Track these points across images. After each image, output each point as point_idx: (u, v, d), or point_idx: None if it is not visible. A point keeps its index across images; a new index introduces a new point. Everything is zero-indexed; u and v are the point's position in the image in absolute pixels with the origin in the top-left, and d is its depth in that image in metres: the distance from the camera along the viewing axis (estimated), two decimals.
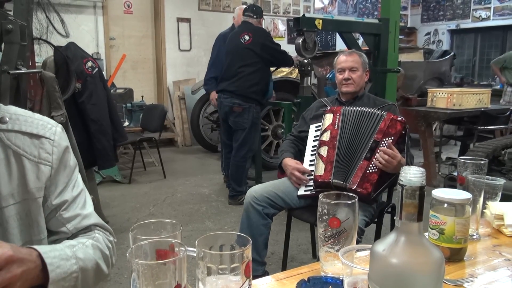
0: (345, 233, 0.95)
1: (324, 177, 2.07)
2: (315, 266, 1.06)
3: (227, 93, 3.92)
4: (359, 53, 2.56)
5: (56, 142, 0.94)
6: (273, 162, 5.06)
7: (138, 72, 7.18)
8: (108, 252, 0.97)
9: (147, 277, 0.59)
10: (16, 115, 0.92)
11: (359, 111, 2.15)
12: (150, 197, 4.24)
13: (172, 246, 0.69)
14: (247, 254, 0.75)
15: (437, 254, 0.56)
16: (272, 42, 4.02)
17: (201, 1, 7.48)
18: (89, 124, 3.01)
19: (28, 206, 0.90)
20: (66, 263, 0.82)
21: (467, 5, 9.20)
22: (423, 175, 0.56)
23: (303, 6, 8.68)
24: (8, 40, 2.41)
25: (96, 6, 6.58)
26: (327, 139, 2.15)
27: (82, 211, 0.97)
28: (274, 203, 2.24)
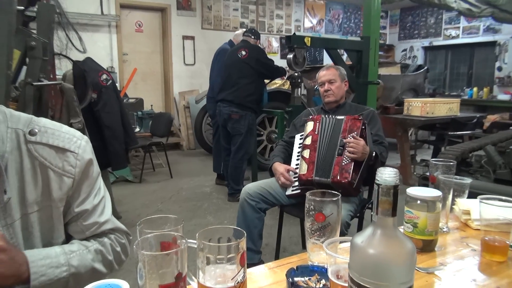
0: (329, 226, 0.95)
1: (307, 176, 2.08)
2: (303, 256, 1.05)
3: (226, 102, 3.92)
4: (336, 66, 2.57)
5: (80, 156, 0.90)
6: (267, 164, 5.00)
7: (148, 83, 7.16)
8: (111, 257, 0.95)
9: (152, 266, 0.58)
10: (45, 128, 0.89)
11: (333, 119, 2.19)
12: (158, 195, 4.22)
13: (174, 238, 0.69)
14: (242, 246, 0.75)
15: (409, 245, 0.56)
16: (265, 58, 4.04)
17: (203, 21, 7.49)
18: (103, 130, 2.99)
19: (50, 212, 0.88)
20: (55, 271, 0.81)
21: (439, 25, 9.26)
22: (397, 175, 0.56)
23: (294, 26, 8.70)
24: (32, 55, 2.41)
25: (111, 25, 6.57)
26: (309, 143, 2.17)
27: (99, 218, 0.94)
28: (266, 199, 2.24)
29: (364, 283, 0.54)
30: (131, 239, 1.01)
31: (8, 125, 0.85)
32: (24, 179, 0.85)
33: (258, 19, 8.18)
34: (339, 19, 9.38)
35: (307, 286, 0.86)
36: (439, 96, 7.25)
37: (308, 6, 8.84)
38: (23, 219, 0.84)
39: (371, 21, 4.27)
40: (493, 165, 2.47)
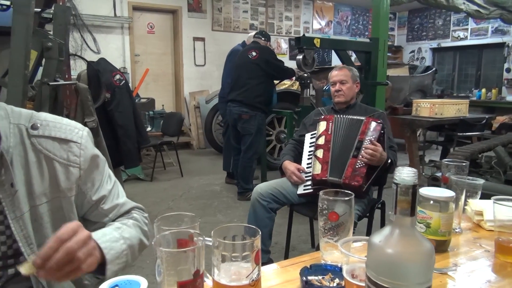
0: (343, 226, 0.94)
1: (321, 175, 2.07)
2: (315, 255, 1.04)
3: (236, 102, 3.92)
4: (349, 67, 2.55)
5: (83, 145, 0.92)
6: (276, 163, 5.00)
7: (159, 84, 7.19)
8: (146, 228, 0.99)
9: (170, 263, 0.58)
10: (46, 121, 0.90)
11: (348, 118, 2.17)
12: (169, 193, 4.23)
13: (191, 236, 0.69)
14: (257, 244, 0.75)
15: (428, 245, 0.54)
16: (275, 59, 4.03)
17: (214, 23, 7.50)
18: (116, 129, 3.01)
19: (59, 203, 0.89)
20: (117, 244, 0.84)
21: (447, 26, 9.16)
22: (416, 175, 0.55)
23: (302, 27, 8.67)
24: (48, 56, 2.43)
25: (123, 27, 6.61)
26: (322, 142, 2.15)
27: (118, 200, 0.98)
28: (277, 199, 2.23)
29: (382, 282, 0.53)
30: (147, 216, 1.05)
31: (10, 121, 0.86)
32: (30, 173, 0.86)
33: (268, 21, 8.17)
34: (348, 20, 9.33)
35: (320, 285, 0.85)
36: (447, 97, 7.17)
37: (316, 8, 8.80)
38: (31, 211, 0.85)
39: (379, 22, 4.24)
40: (503, 166, 2.44)
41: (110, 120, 3.02)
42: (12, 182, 0.82)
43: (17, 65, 2.21)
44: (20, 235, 0.83)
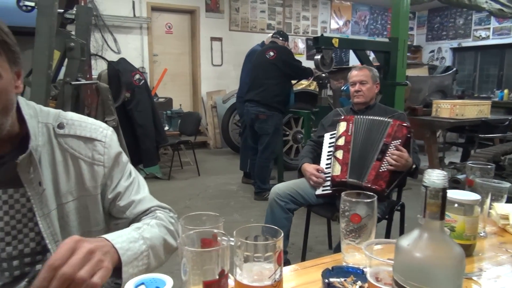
0: (365, 228, 0.93)
1: (340, 177, 2.05)
2: (336, 257, 1.03)
3: (253, 102, 3.93)
4: (369, 67, 2.52)
5: (107, 144, 0.93)
6: (293, 163, 5.03)
7: (177, 84, 7.25)
8: (172, 227, 0.94)
9: (196, 262, 0.58)
10: (72, 121, 0.92)
11: (370, 119, 2.13)
12: (186, 192, 4.26)
13: (215, 235, 0.69)
14: (279, 245, 0.75)
15: (458, 250, 0.53)
16: (293, 59, 4.02)
17: (231, 23, 7.52)
18: (136, 128, 3.05)
19: (85, 201, 0.90)
20: (135, 245, 0.80)
21: (468, 25, 8.98)
22: (446, 177, 0.54)
23: (320, 27, 8.62)
24: (71, 56, 2.48)
25: (142, 27, 6.68)
26: (342, 143, 2.13)
27: (135, 197, 0.95)
28: (295, 199, 2.22)
29: (411, 286, 0.53)
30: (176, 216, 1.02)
31: (39, 120, 0.88)
32: (57, 171, 0.87)
33: (285, 21, 8.15)
34: (366, 20, 9.23)
35: (343, 287, 0.85)
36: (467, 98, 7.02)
37: (334, 7, 8.74)
38: (58, 209, 0.87)
39: (399, 22, 4.18)
40: None
41: (129, 119, 3.06)
42: (40, 180, 0.84)
43: (40, 65, 2.26)
44: (47, 232, 0.85)
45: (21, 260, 0.86)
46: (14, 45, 0.77)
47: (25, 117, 0.84)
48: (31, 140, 0.83)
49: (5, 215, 0.84)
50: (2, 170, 0.83)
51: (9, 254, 0.85)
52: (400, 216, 2.29)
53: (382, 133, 2.05)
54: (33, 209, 0.84)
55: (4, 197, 0.84)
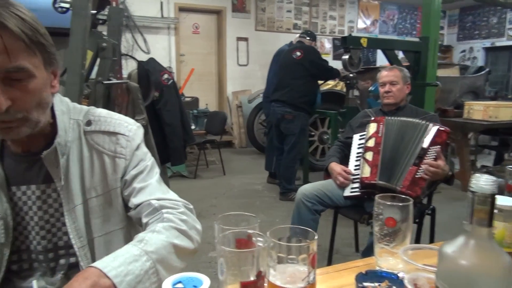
0: (400, 232, 0.91)
1: (370, 179, 2.01)
2: (369, 261, 1.01)
3: (279, 102, 3.91)
4: (400, 68, 2.47)
5: (130, 138, 0.92)
6: (318, 164, 4.99)
7: (203, 83, 7.32)
8: (185, 227, 0.84)
9: (233, 263, 0.58)
10: (99, 117, 0.93)
11: (403, 121, 2.08)
12: (212, 191, 4.29)
13: (250, 236, 0.69)
14: (313, 247, 0.74)
15: (507, 259, 0.51)
16: (320, 59, 3.98)
17: (257, 23, 7.53)
18: (164, 127, 3.09)
19: (109, 198, 0.90)
20: (136, 265, 0.71)
21: (502, 24, 8.66)
22: (495, 183, 0.52)
23: (347, 27, 8.51)
24: (103, 56, 2.53)
25: (170, 28, 6.78)
26: (372, 145, 2.09)
27: (137, 184, 0.90)
28: (322, 200, 2.20)
29: None
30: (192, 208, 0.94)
31: (70, 116, 0.90)
32: (84, 167, 0.89)
33: (311, 20, 8.09)
34: (394, 19, 9.05)
35: None
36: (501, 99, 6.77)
37: (362, 7, 8.61)
38: (84, 204, 0.88)
39: (430, 21, 4.08)
40: None
41: (158, 118, 3.11)
42: (67, 175, 0.86)
43: (74, 64, 2.32)
44: (71, 227, 0.86)
45: (56, 253, 0.89)
46: (49, 46, 0.79)
47: (56, 113, 0.87)
48: (58, 136, 0.85)
49: (39, 210, 0.87)
50: (37, 167, 0.86)
51: (44, 247, 0.88)
52: (431, 221, 2.23)
53: (419, 137, 1.98)
54: (61, 203, 0.86)
55: (37, 193, 0.86)
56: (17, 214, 0.86)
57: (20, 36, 0.71)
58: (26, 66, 0.73)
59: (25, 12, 0.75)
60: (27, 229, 0.87)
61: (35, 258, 0.89)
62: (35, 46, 0.75)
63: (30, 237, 0.87)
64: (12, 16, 0.71)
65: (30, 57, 0.74)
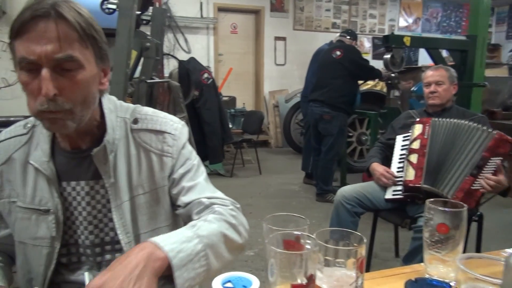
0: (453, 239, 0.86)
1: (414, 182, 1.94)
2: (417, 268, 0.98)
3: (317, 102, 3.87)
4: (446, 67, 2.37)
5: (177, 136, 0.93)
6: (356, 166, 4.89)
7: (240, 83, 7.36)
8: (234, 221, 0.86)
9: (284, 265, 0.57)
10: (145, 115, 0.94)
11: (454, 123, 1.97)
12: (248, 190, 4.31)
13: (298, 237, 0.67)
14: (361, 251, 0.72)
15: None
16: (361, 58, 3.90)
17: (295, 22, 7.49)
18: (203, 125, 3.14)
19: (157, 195, 0.91)
20: (188, 245, 0.73)
21: None
22: None
23: (387, 25, 8.29)
24: (146, 55, 2.60)
25: (209, 28, 6.86)
26: (417, 147, 2.01)
27: (186, 183, 0.92)
28: (362, 203, 2.15)
29: None
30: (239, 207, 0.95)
31: (117, 114, 0.91)
32: (131, 164, 0.90)
33: (351, 19, 7.94)
34: (438, 17, 8.72)
35: None
36: None
37: (404, 4, 8.36)
38: (131, 201, 0.89)
39: (478, 18, 3.89)
40: None
41: (197, 117, 3.16)
42: (115, 172, 0.87)
43: (120, 64, 2.39)
44: (119, 223, 0.88)
45: (103, 248, 0.91)
46: (102, 42, 0.81)
47: (105, 111, 0.89)
48: (107, 134, 0.87)
49: (87, 205, 0.89)
50: (86, 163, 0.88)
51: (91, 241, 0.90)
52: (478, 228, 2.13)
53: (477, 144, 1.84)
54: (109, 200, 0.88)
55: (86, 188, 0.89)
56: (67, 209, 0.89)
57: (75, 26, 0.74)
58: (76, 56, 0.75)
59: (82, 8, 0.77)
60: (75, 224, 0.90)
61: (82, 252, 0.91)
62: (88, 39, 0.77)
63: (78, 232, 0.90)
64: (70, 9, 0.74)
65: (82, 49, 0.76)
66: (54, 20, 0.72)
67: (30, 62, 0.72)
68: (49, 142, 0.88)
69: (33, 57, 0.72)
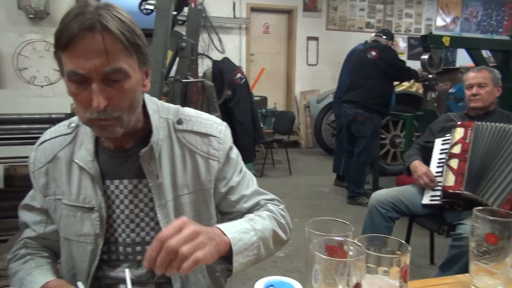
0: (502, 250, 0.82)
1: (454, 188, 1.86)
2: (461, 278, 0.93)
3: (351, 103, 3.80)
4: (489, 69, 2.26)
5: (222, 140, 0.94)
6: (389, 169, 4.78)
7: (271, 83, 7.35)
8: (283, 220, 0.96)
9: (330, 271, 0.56)
10: (189, 116, 0.94)
11: (502, 128, 1.88)
12: (278, 190, 4.27)
13: (341, 243, 0.66)
14: (405, 260, 0.69)
15: None
16: (397, 58, 3.81)
17: (328, 22, 7.40)
18: (235, 125, 3.15)
19: (200, 195, 0.93)
20: (246, 236, 0.83)
21: None
22: None
23: (424, 25, 8.05)
24: (182, 55, 2.63)
25: (241, 28, 6.89)
26: (457, 151, 1.93)
27: (245, 191, 0.97)
28: (397, 207, 2.09)
29: None
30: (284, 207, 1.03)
31: (160, 115, 0.92)
32: (175, 164, 0.90)
33: (385, 19, 7.77)
34: (478, 16, 8.39)
35: None
36: None
37: (441, 3, 8.09)
38: (175, 200, 0.90)
39: None
40: None
41: (230, 116, 3.17)
42: (157, 174, 0.88)
43: (156, 64, 2.43)
44: (163, 222, 0.89)
45: (143, 246, 0.92)
46: (144, 46, 0.82)
47: (149, 112, 0.90)
48: (153, 134, 0.88)
49: (130, 204, 0.90)
50: (129, 162, 0.90)
51: (133, 240, 0.91)
52: None
53: None
54: (153, 199, 0.89)
55: (129, 187, 0.90)
56: (109, 207, 0.90)
57: (120, 38, 0.74)
58: (124, 67, 0.76)
59: (124, 14, 0.78)
60: (116, 222, 0.91)
61: (122, 250, 0.92)
62: (132, 47, 0.77)
63: (119, 230, 0.91)
64: (113, 18, 0.74)
65: (127, 58, 0.77)
66: (100, 33, 0.73)
67: (79, 76, 0.74)
68: (93, 142, 0.90)
69: (83, 71, 0.73)
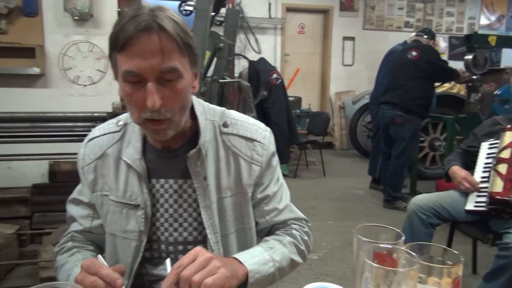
0: None
1: (502, 194, 1.77)
2: None
3: (390, 105, 3.70)
4: None
5: (266, 146, 0.94)
6: (427, 173, 4.63)
7: (306, 83, 7.29)
8: (303, 246, 0.97)
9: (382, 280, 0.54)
10: (235, 120, 0.94)
11: None
12: (311, 192, 4.25)
13: (390, 251, 0.63)
14: (458, 271, 0.66)
15: None
16: (439, 59, 3.67)
17: (365, 21, 7.25)
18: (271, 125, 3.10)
19: (241, 198, 0.93)
20: (265, 267, 0.84)
21: None
22: None
23: (466, 24, 7.73)
24: (219, 55, 2.65)
25: (276, 28, 6.87)
26: (507, 156, 1.84)
27: (278, 205, 0.96)
28: (438, 213, 2.01)
29: None
30: (310, 226, 1.03)
31: (206, 117, 0.92)
32: (220, 167, 0.91)
33: (425, 18, 7.52)
34: None
35: None
36: None
37: (486, 1, 7.74)
38: (218, 202, 0.90)
39: None
40: None
41: (265, 117, 3.17)
42: (205, 175, 0.89)
43: None
44: (208, 223, 0.89)
45: (185, 246, 0.93)
46: (195, 47, 0.82)
47: (197, 113, 0.90)
48: (201, 136, 0.88)
49: (174, 203, 0.91)
50: (175, 162, 0.90)
51: (175, 239, 0.92)
52: None
53: None
54: (197, 200, 0.89)
55: (175, 187, 0.91)
56: (153, 205, 0.92)
57: (175, 37, 0.75)
58: (178, 66, 0.77)
59: (177, 16, 0.79)
60: (160, 221, 0.92)
61: (164, 248, 0.93)
62: (185, 48, 0.78)
63: (162, 229, 0.92)
64: (168, 19, 0.75)
65: (181, 58, 0.78)
66: (157, 33, 0.74)
67: (135, 75, 0.75)
68: (141, 141, 0.91)
69: (139, 70, 0.75)
